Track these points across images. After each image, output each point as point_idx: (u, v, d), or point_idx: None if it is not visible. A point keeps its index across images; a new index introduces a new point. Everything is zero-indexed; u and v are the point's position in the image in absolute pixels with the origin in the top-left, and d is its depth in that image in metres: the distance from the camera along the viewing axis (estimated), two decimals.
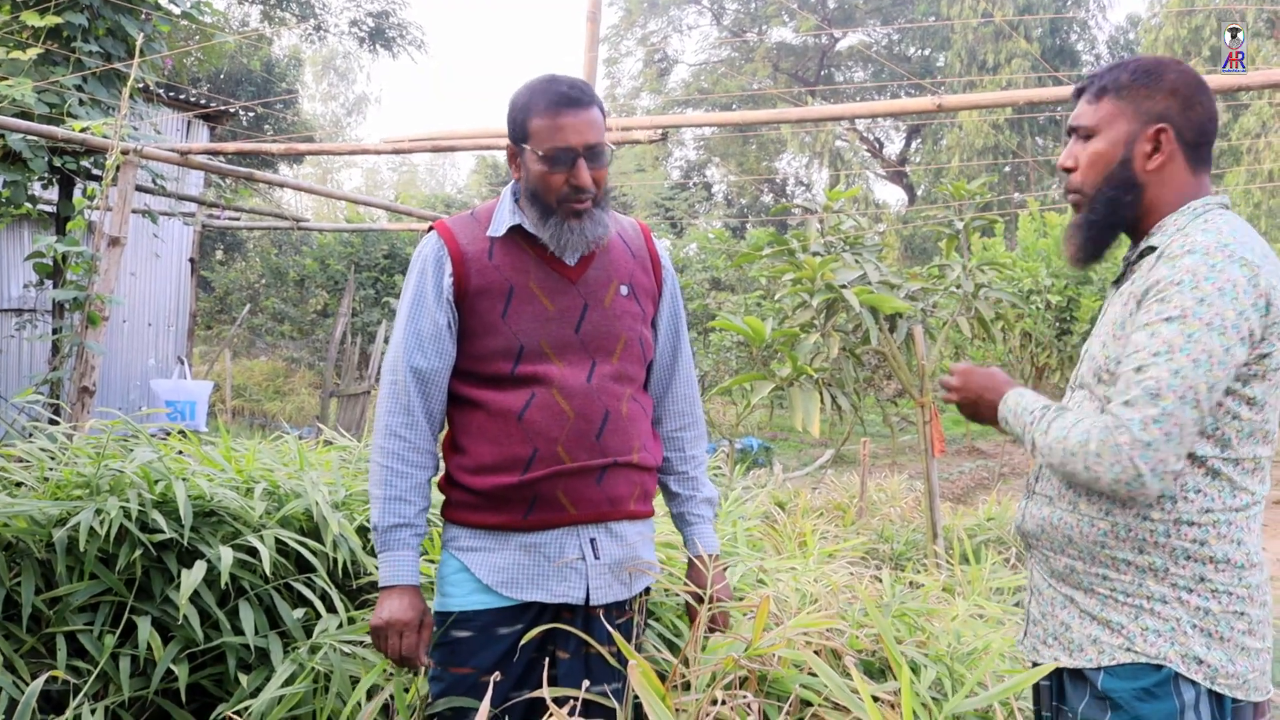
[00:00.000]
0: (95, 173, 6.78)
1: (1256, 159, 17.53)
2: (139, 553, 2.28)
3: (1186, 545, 1.57)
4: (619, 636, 1.75)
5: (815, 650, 2.33)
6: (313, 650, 2.23)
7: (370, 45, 21.29)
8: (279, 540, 2.44)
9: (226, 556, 2.24)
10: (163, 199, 8.93)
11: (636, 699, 1.71)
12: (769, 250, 4.77)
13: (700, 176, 31.63)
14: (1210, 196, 1.66)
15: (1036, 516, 1.73)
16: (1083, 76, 1.75)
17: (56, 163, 6.52)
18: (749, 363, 12.28)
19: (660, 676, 1.71)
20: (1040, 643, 1.72)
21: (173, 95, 10.96)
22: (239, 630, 2.29)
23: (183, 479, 2.45)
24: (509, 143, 1.93)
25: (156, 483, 2.45)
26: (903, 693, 1.39)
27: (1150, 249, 1.64)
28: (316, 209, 28.56)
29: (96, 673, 2.17)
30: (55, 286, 5.95)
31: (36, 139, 5.96)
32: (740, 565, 2.93)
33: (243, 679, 2.23)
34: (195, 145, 7.38)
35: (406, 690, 2.02)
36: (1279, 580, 3.05)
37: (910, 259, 23.42)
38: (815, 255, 4.50)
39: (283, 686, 2.14)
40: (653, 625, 2.50)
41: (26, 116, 5.97)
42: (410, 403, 1.90)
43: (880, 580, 3.32)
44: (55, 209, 7.13)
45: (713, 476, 4.81)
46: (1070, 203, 1.74)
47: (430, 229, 1.97)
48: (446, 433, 2.01)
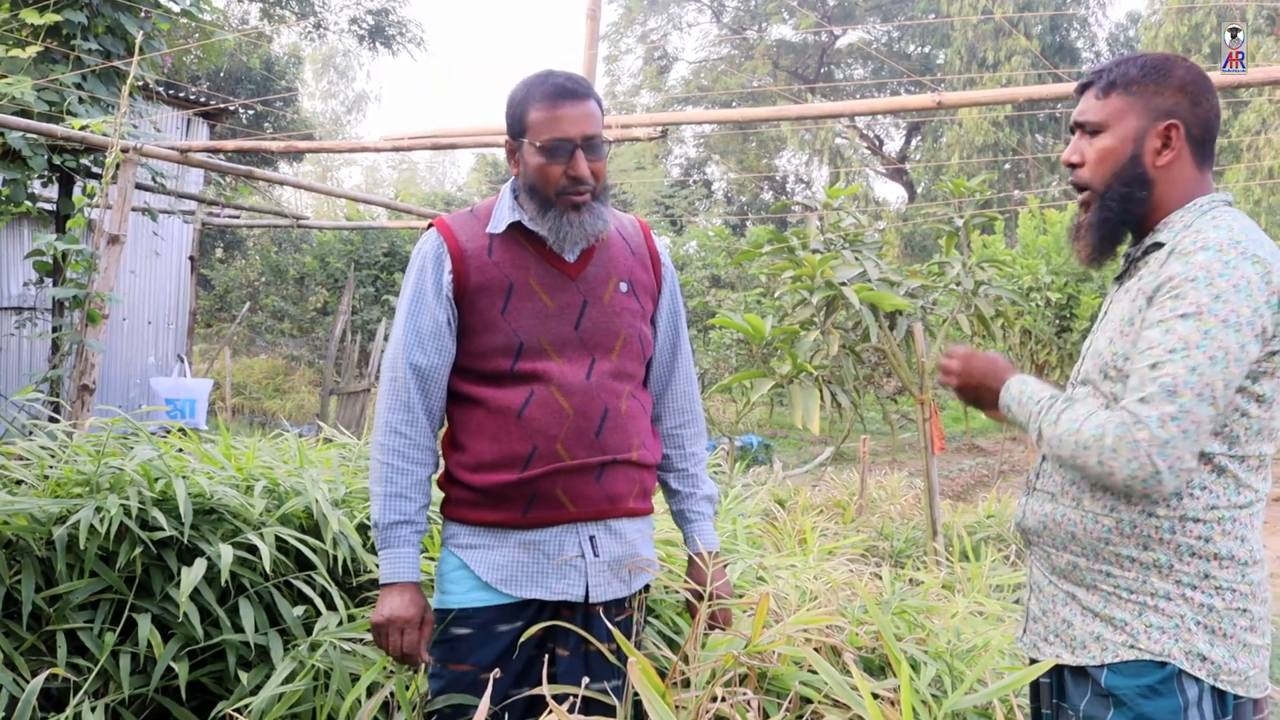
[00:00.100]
0: (95, 171, 6.78)
1: (1257, 156, 17.52)
2: (139, 550, 2.28)
3: (1191, 542, 1.56)
4: (618, 634, 1.75)
5: (815, 647, 2.33)
6: (313, 648, 2.23)
7: (370, 43, 21.29)
8: (279, 538, 2.44)
9: (226, 554, 2.24)
10: (162, 197, 8.92)
11: (636, 696, 1.71)
12: (769, 248, 4.76)
13: (700, 174, 31.62)
14: (1215, 194, 1.66)
15: (1038, 513, 1.72)
16: (1085, 72, 1.73)
17: (56, 161, 6.52)
18: (749, 360, 12.28)
19: (660, 674, 1.71)
20: (1041, 640, 1.71)
21: (172, 93, 10.96)
22: (239, 628, 2.29)
23: (183, 477, 2.45)
24: (507, 138, 1.94)
25: (156, 480, 2.45)
26: (902, 690, 1.40)
27: (1157, 245, 1.63)
28: (316, 207, 28.54)
29: (97, 670, 2.17)
30: (55, 284, 5.95)
31: (36, 137, 5.96)
32: (740, 562, 2.93)
33: (243, 676, 2.23)
34: (195, 143, 7.38)
35: (407, 688, 2.02)
36: (1278, 577, 3.06)
37: (910, 256, 23.41)
38: (815, 253, 4.50)
39: (283, 684, 2.14)
40: (652, 623, 2.50)
41: (26, 114, 5.97)
42: (410, 400, 1.90)
43: (880, 577, 3.32)
44: (55, 207, 7.13)
45: (712, 474, 4.81)
46: (1080, 201, 1.72)
47: (430, 226, 1.97)
48: (446, 430, 2.01)
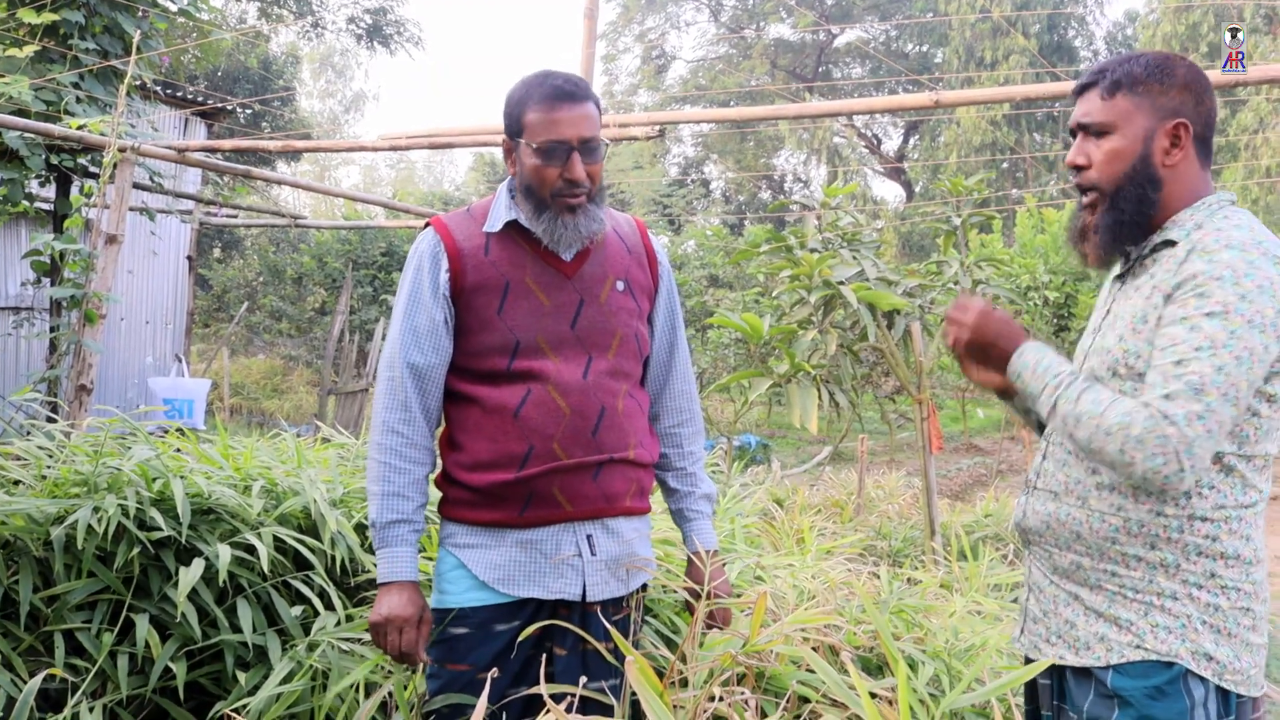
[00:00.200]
0: (92, 170, 6.77)
1: (1254, 155, 17.55)
2: (137, 551, 2.28)
3: (1199, 541, 1.56)
4: (616, 633, 1.75)
5: (813, 646, 2.33)
6: (311, 648, 2.23)
7: (368, 42, 21.28)
8: (277, 538, 2.44)
9: (224, 554, 2.24)
10: (160, 196, 8.91)
11: (634, 695, 1.71)
12: (767, 247, 4.77)
13: (698, 173, 31.62)
14: (1220, 193, 1.66)
15: (1040, 512, 1.71)
16: (1082, 73, 1.72)
17: (54, 160, 6.50)
18: (747, 359, 12.29)
19: (658, 673, 1.71)
20: (1043, 641, 1.70)
21: (170, 93, 10.95)
22: (237, 628, 2.29)
23: (181, 477, 2.44)
24: (505, 138, 1.94)
25: (154, 481, 2.45)
26: (899, 689, 1.39)
27: (1168, 243, 1.61)
28: (314, 206, 28.53)
29: (94, 671, 2.17)
30: (53, 284, 5.94)
31: (33, 137, 5.95)
32: (738, 562, 2.93)
33: (241, 677, 2.23)
34: (193, 143, 7.37)
35: (405, 688, 2.02)
36: (1275, 576, 3.06)
37: (908, 255, 23.42)
38: (813, 252, 4.50)
39: (281, 684, 2.14)
40: (650, 622, 2.50)
41: (23, 114, 5.96)
42: (407, 399, 1.90)
43: (878, 577, 3.33)
44: (52, 207, 7.12)
45: (711, 473, 4.81)
46: (1087, 202, 1.70)
47: (426, 225, 1.97)
48: (443, 430, 2.01)
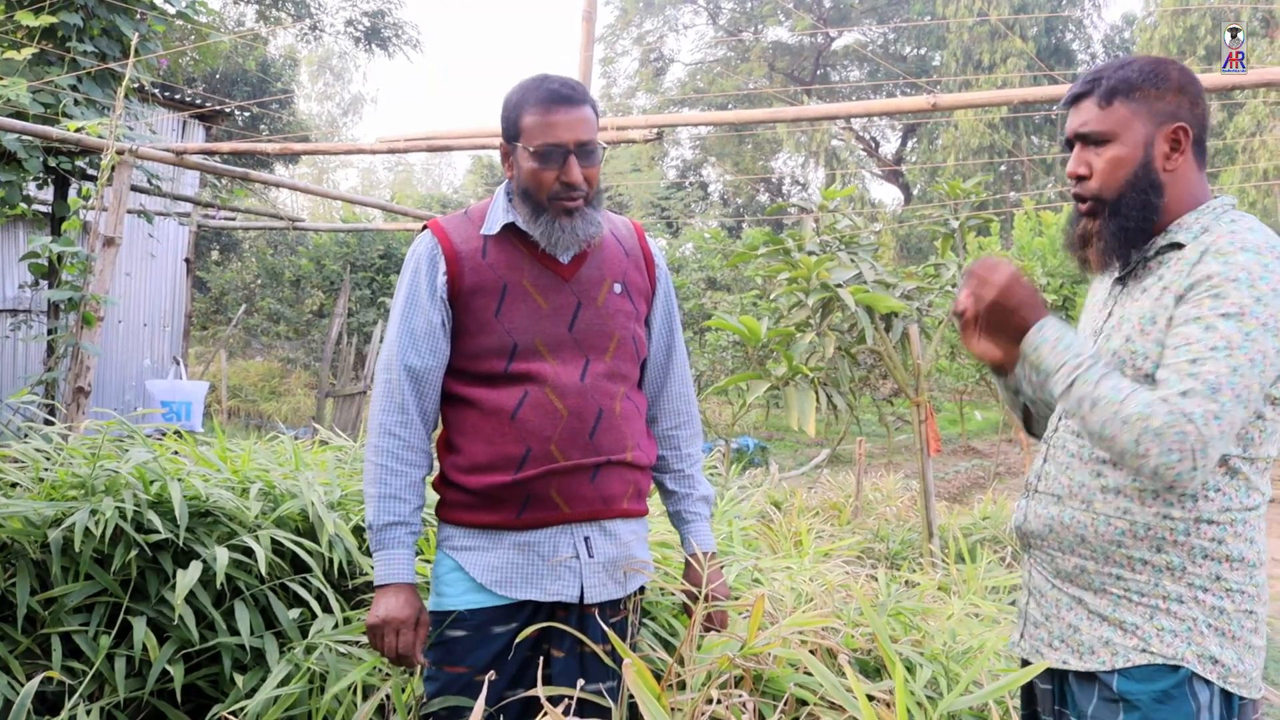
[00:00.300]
0: (90, 173, 6.76)
1: (1251, 158, 17.58)
2: (134, 553, 2.28)
3: (1205, 544, 1.56)
4: (613, 635, 1.75)
5: (810, 649, 2.33)
6: (308, 650, 2.23)
7: (366, 45, 21.29)
8: (274, 540, 2.43)
9: (222, 557, 2.23)
10: (158, 199, 8.90)
11: (631, 698, 1.71)
12: (764, 250, 4.77)
13: (696, 176, 31.65)
14: (1223, 196, 1.66)
15: (1042, 516, 1.70)
16: (1074, 83, 1.70)
17: (51, 163, 6.50)
18: (745, 362, 12.29)
19: (655, 675, 1.71)
20: (1045, 645, 1.69)
21: (168, 95, 10.95)
22: (235, 630, 2.29)
23: (178, 479, 2.44)
24: (502, 141, 1.94)
25: (152, 483, 2.45)
26: (896, 691, 1.39)
27: (1174, 245, 1.61)
28: (312, 209, 28.53)
29: (92, 673, 2.17)
30: (50, 287, 5.94)
31: (31, 139, 5.95)
32: (736, 564, 2.93)
33: (238, 679, 2.23)
34: (190, 145, 7.37)
35: (402, 690, 2.02)
36: (1274, 579, 3.06)
37: (906, 258, 23.44)
38: (811, 254, 4.50)
39: (278, 686, 2.13)
40: (648, 624, 2.50)
41: (21, 116, 5.96)
42: (405, 401, 1.90)
43: (875, 579, 3.33)
44: (50, 209, 7.12)
45: (709, 476, 4.81)
46: (1084, 211, 1.68)
47: (424, 228, 1.97)
48: (441, 432, 2.01)
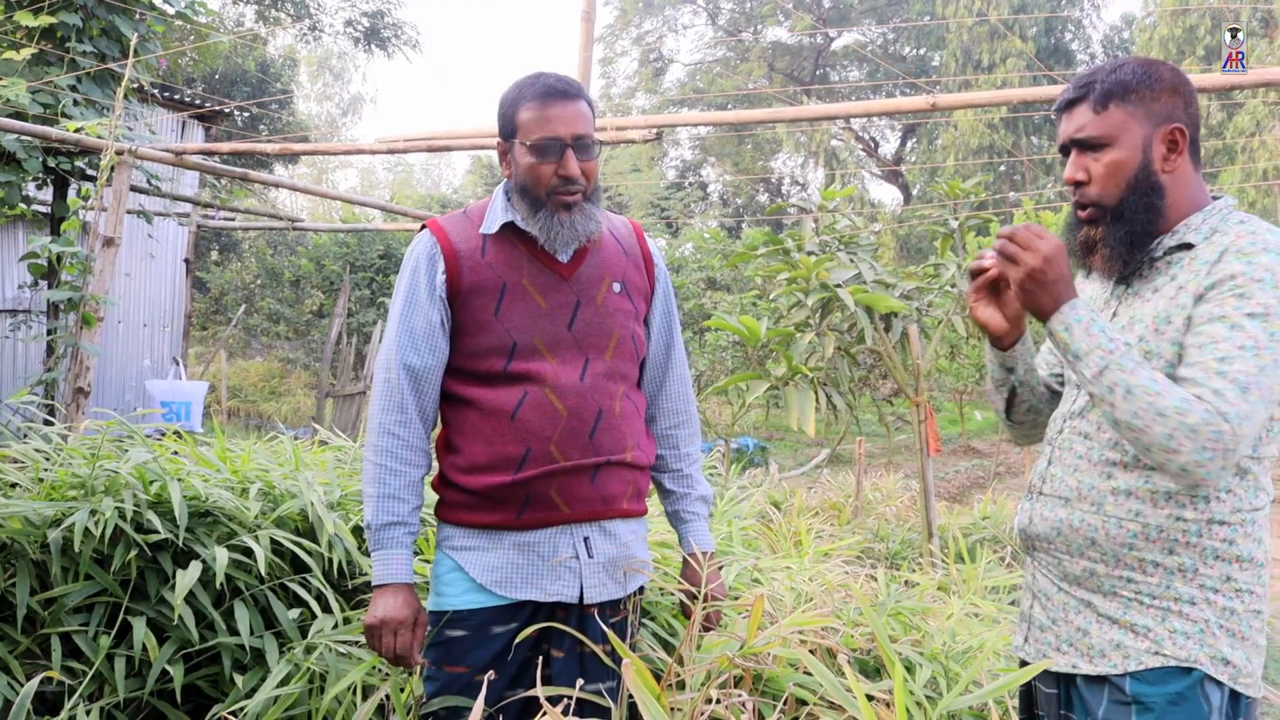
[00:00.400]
0: (90, 173, 6.77)
1: (1251, 158, 17.58)
2: (134, 553, 2.28)
3: (1217, 545, 1.56)
4: (613, 635, 1.75)
5: (810, 649, 2.33)
6: (308, 650, 2.23)
7: (365, 45, 21.28)
8: (274, 541, 2.43)
9: (222, 557, 2.23)
10: (157, 199, 8.91)
11: (631, 698, 1.71)
12: (764, 250, 4.77)
13: (696, 176, 31.65)
14: (1224, 197, 1.66)
15: (1049, 519, 1.68)
16: (1067, 89, 1.68)
17: (51, 163, 6.50)
18: (744, 362, 12.29)
19: (655, 675, 1.71)
20: (1052, 649, 1.67)
21: (167, 95, 10.95)
22: (234, 631, 2.29)
23: (178, 479, 2.44)
24: (499, 140, 1.94)
25: (151, 483, 2.45)
26: (896, 691, 1.39)
27: (1184, 246, 1.60)
28: (312, 209, 28.54)
29: (91, 674, 2.17)
30: (50, 287, 5.94)
31: (31, 139, 5.95)
32: (735, 564, 2.93)
33: (238, 679, 2.23)
34: (190, 145, 7.37)
35: (402, 690, 2.02)
36: (1274, 579, 3.07)
37: (905, 258, 23.44)
38: (810, 255, 4.50)
39: (278, 686, 2.13)
40: (647, 624, 2.50)
41: (21, 117, 5.96)
42: (404, 400, 1.90)
43: (875, 579, 3.33)
44: (50, 209, 7.12)
45: (708, 476, 4.81)
46: (1086, 217, 1.67)
47: (423, 227, 1.97)
48: (440, 432, 2.01)
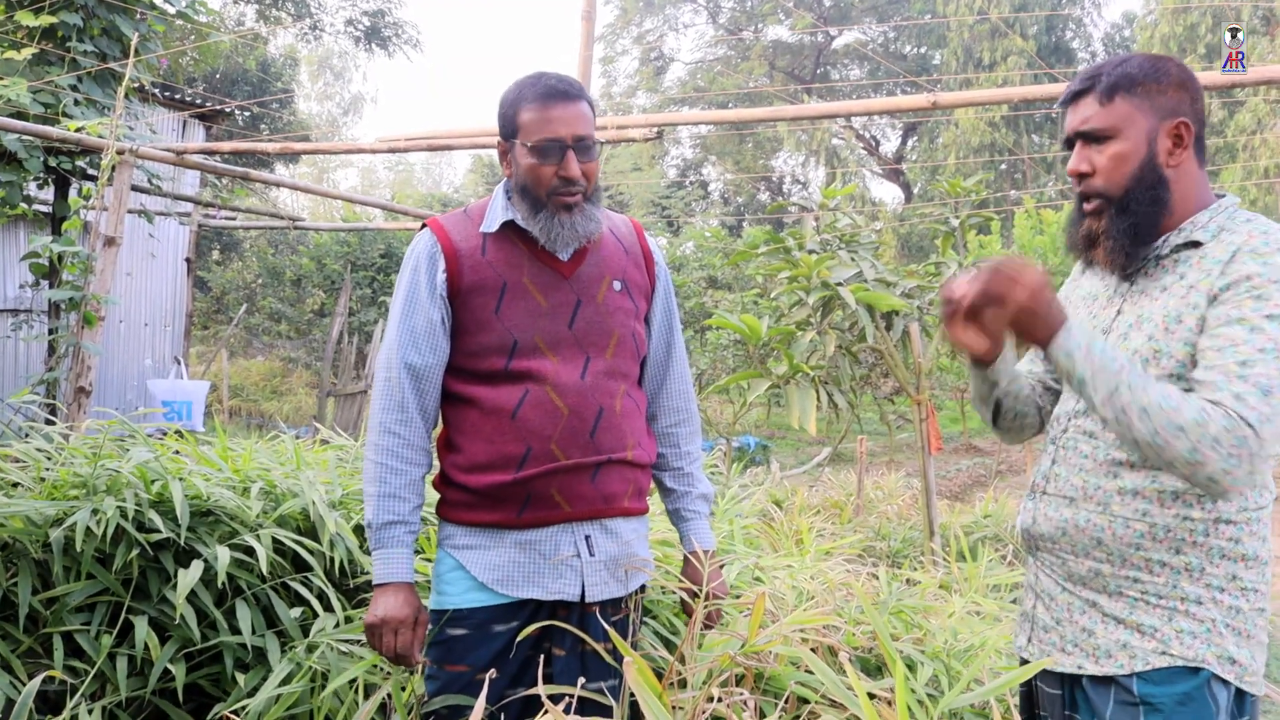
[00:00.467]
0: (91, 173, 6.77)
1: (1252, 156, 17.57)
2: (136, 552, 2.28)
3: (1223, 544, 1.55)
4: (614, 634, 1.75)
5: (811, 647, 2.33)
6: (310, 649, 2.23)
7: (366, 44, 21.29)
8: (276, 540, 2.44)
9: (223, 556, 2.24)
10: (159, 199, 8.91)
11: (633, 696, 1.71)
12: (765, 248, 4.77)
13: (697, 175, 31.64)
14: (1228, 195, 1.65)
15: (1054, 519, 1.67)
16: (1072, 81, 1.69)
17: (52, 163, 6.51)
18: (746, 361, 12.29)
19: (657, 674, 1.71)
20: (1057, 650, 1.66)
21: (168, 95, 10.95)
22: (236, 630, 2.29)
23: (179, 479, 2.44)
24: (499, 140, 1.94)
25: (153, 482, 2.45)
26: (897, 689, 1.39)
27: (1193, 244, 1.59)
28: (313, 208, 28.54)
29: (94, 673, 2.17)
30: (51, 287, 5.94)
31: (32, 139, 5.95)
32: (737, 563, 2.93)
33: (240, 678, 2.23)
34: (191, 145, 7.37)
35: (403, 689, 2.02)
36: (1276, 577, 3.07)
37: (907, 257, 23.43)
38: (811, 253, 4.50)
39: (280, 685, 2.14)
40: (649, 623, 2.50)
41: (21, 116, 5.96)
42: (404, 399, 1.91)
43: (877, 577, 3.33)
44: (51, 209, 7.12)
45: (710, 475, 4.81)
46: (1089, 210, 1.66)
47: (423, 226, 1.97)
48: (441, 431, 2.01)
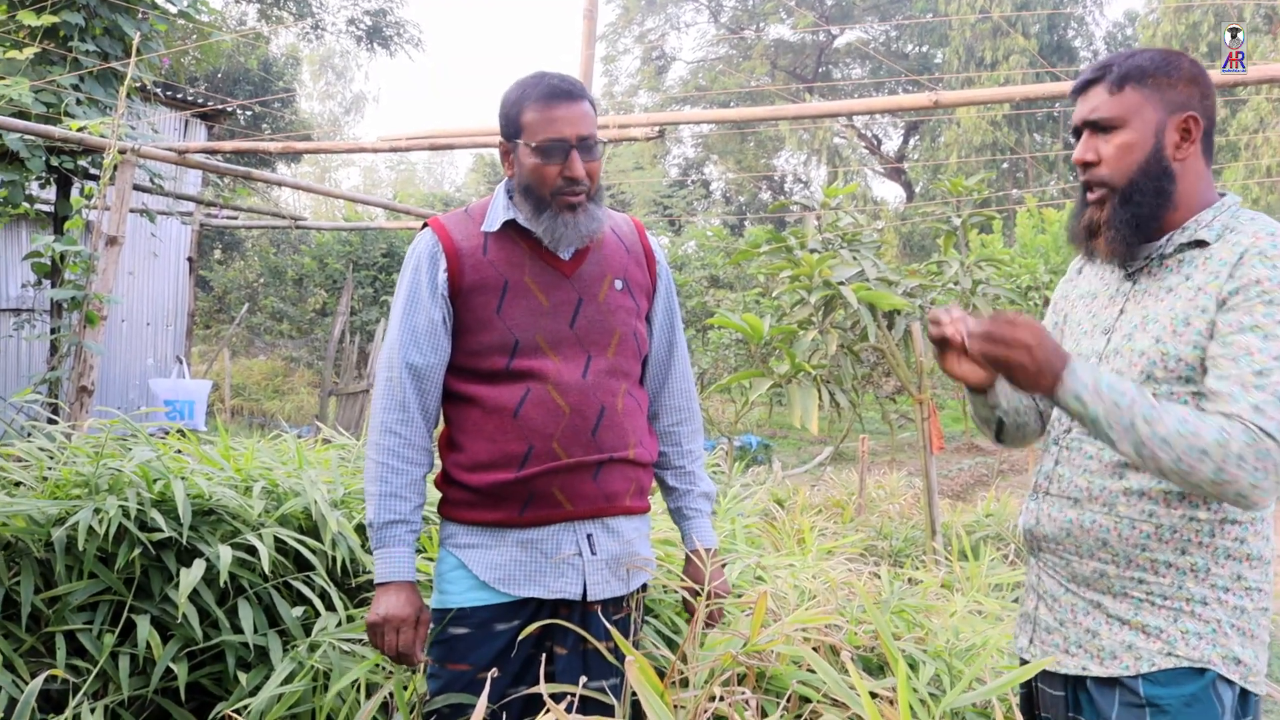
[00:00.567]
0: (93, 172, 6.78)
1: (1255, 155, 17.55)
2: (138, 552, 2.28)
3: (1228, 544, 1.55)
4: (616, 632, 1.75)
5: (813, 646, 2.33)
6: (312, 648, 2.23)
7: (367, 44, 21.29)
8: (278, 539, 2.44)
9: (225, 555, 2.24)
10: (161, 198, 8.92)
11: (634, 695, 1.71)
12: (767, 247, 4.77)
13: (698, 174, 31.63)
14: (1230, 194, 1.64)
15: (1058, 519, 1.66)
16: (1083, 70, 1.69)
17: (54, 162, 6.51)
18: (747, 360, 12.29)
19: (658, 673, 1.71)
20: (1060, 651, 1.66)
21: (170, 94, 10.95)
22: (238, 629, 2.29)
23: (181, 478, 2.45)
24: (501, 140, 1.94)
25: (155, 482, 2.45)
26: (899, 688, 1.39)
27: (1196, 243, 1.58)
28: (315, 208, 28.55)
29: (96, 672, 2.17)
30: (53, 286, 5.95)
31: (34, 139, 5.96)
32: (739, 562, 2.93)
33: (242, 677, 2.23)
34: (193, 144, 7.37)
35: (405, 688, 2.02)
36: (1276, 576, 3.06)
37: (908, 256, 23.43)
38: (813, 252, 4.50)
39: (282, 685, 2.14)
40: (651, 621, 2.50)
41: (24, 116, 5.96)
42: (406, 399, 1.91)
43: (879, 577, 3.33)
44: (53, 209, 7.13)
45: (711, 474, 4.81)
46: (1094, 199, 1.64)
47: (424, 226, 1.97)
48: (443, 430, 2.01)
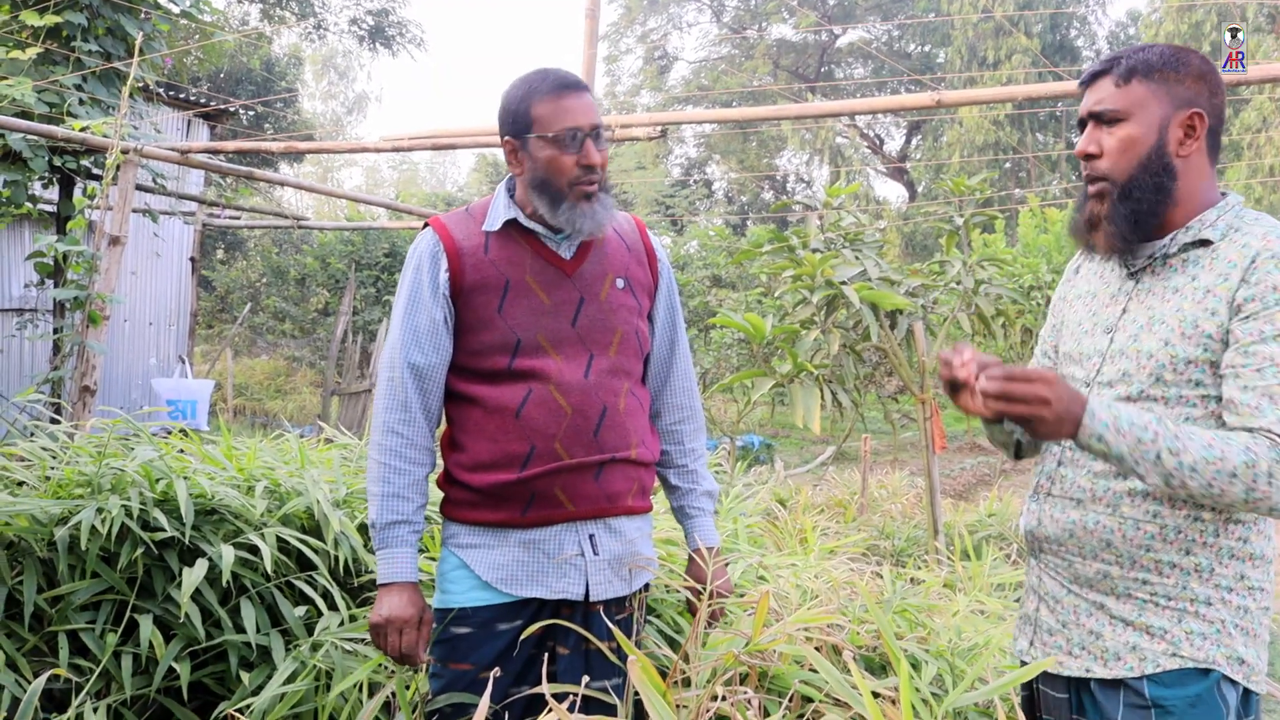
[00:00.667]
0: (95, 172, 6.79)
1: (1258, 154, 17.52)
2: (140, 551, 2.28)
3: (1232, 544, 1.55)
4: (618, 632, 1.75)
5: (816, 646, 2.33)
6: (314, 648, 2.24)
7: (370, 43, 21.30)
8: (280, 538, 2.44)
9: (228, 555, 2.24)
10: (163, 198, 8.93)
11: (636, 695, 1.71)
12: (769, 247, 4.77)
13: (701, 174, 31.62)
14: (1232, 193, 1.63)
15: (1060, 520, 1.65)
16: (1091, 64, 1.68)
17: (57, 162, 6.52)
18: (750, 360, 12.29)
19: (660, 672, 1.71)
20: (1064, 653, 1.65)
21: (173, 94, 10.97)
22: (241, 628, 2.30)
23: (184, 477, 2.45)
24: (507, 138, 1.93)
25: (158, 481, 2.45)
26: (901, 688, 1.39)
27: (1200, 243, 1.57)
28: (317, 208, 28.56)
29: (98, 671, 2.17)
30: (56, 286, 5.96)
31: (37, 138, 5.97)
32: (741, 561, 2.93)
33: (244, 677, 2.23)
34: (195, 144, 7.38)
35: (407, 687, 2.02)
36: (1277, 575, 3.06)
37: (911, 255, 23.41)
38: (815, 252, 4.50)
39: (284, 684, 2.14)
40: (653, 621, 2.50)
41: (26, 116, 5.97)
42: (408, 399, 1.91)
43: (881, 576, 3.33)
44: (56, 208, 7.15)
45: (714, 473, 4.81)
46: (1094, 192, 1.63)
47: (426, 225, 1.97)
48: (445, 430, 2.01)
